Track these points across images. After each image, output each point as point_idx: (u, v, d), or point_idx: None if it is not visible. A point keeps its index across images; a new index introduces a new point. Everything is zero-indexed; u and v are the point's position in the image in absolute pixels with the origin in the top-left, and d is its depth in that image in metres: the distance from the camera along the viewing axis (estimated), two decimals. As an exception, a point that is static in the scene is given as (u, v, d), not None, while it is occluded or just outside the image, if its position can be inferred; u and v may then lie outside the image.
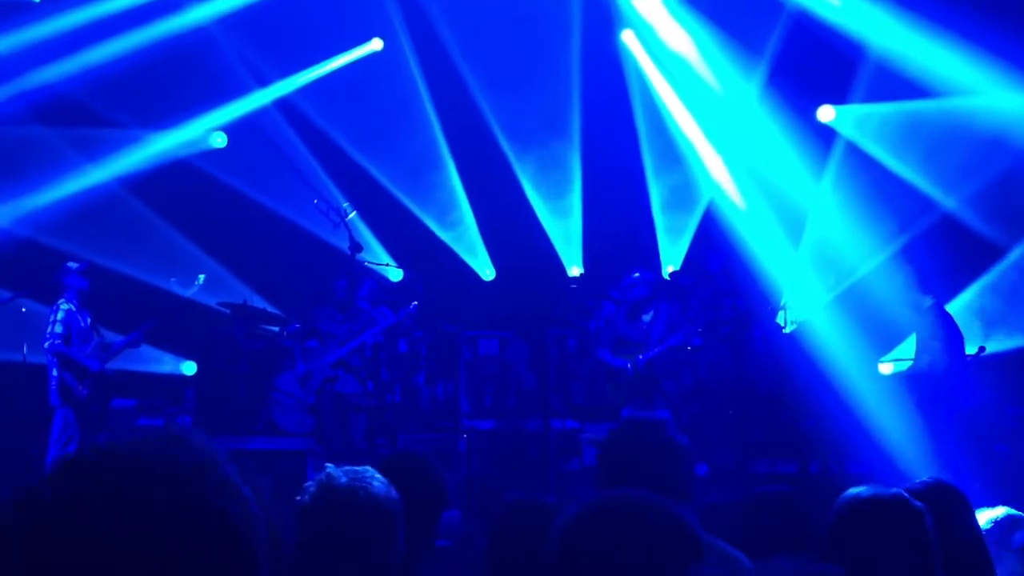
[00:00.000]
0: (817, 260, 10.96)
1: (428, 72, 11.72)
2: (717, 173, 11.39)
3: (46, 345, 8.50)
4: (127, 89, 10.51)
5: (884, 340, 9.86)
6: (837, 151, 10.97)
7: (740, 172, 11.31)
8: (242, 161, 11.49)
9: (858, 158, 10.86)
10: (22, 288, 9.10)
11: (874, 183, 10.69)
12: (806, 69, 10.84)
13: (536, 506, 3.30)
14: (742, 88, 11.05)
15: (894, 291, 8.87)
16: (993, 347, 9.45)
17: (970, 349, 8.66)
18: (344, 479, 2.67)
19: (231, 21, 10.80)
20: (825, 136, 11.03)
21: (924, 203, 10.55)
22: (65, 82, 10.14)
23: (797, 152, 10.86)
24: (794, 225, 11.04)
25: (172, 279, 10.26)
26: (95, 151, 10.90)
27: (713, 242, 11.14)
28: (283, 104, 11.71)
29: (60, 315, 8.54)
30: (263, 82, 11.51)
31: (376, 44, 11.76)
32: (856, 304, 10.05)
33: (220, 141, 11.51)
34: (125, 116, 10.88)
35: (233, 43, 10.95)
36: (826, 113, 11.00)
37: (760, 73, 11.00)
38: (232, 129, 11.54)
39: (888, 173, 10.71)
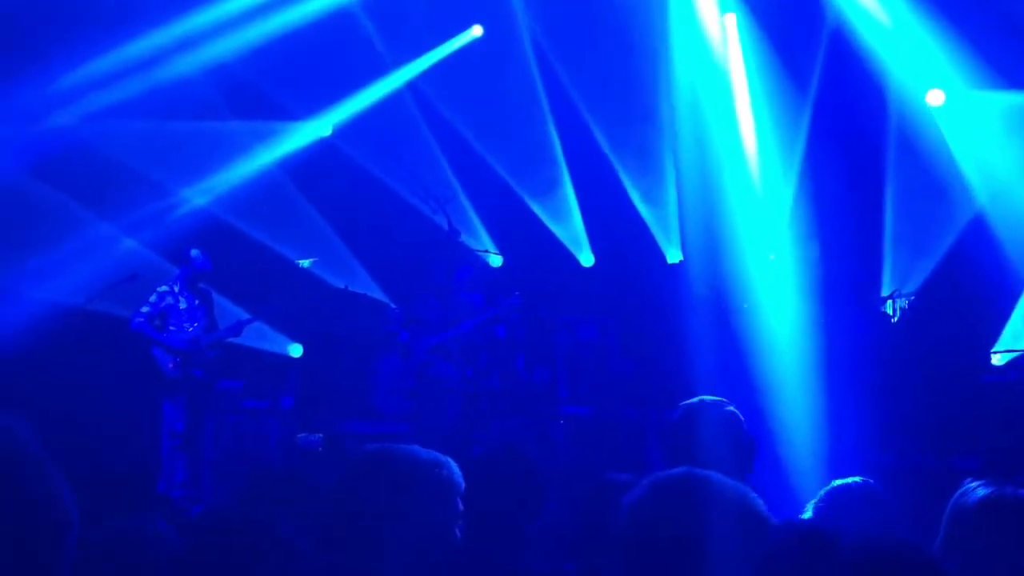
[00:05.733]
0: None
1: (537, 57, 11.78)
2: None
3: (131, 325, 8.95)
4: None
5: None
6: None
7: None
8: (362, 142, 11.71)
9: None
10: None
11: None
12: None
13: (627, 486, 3.30)
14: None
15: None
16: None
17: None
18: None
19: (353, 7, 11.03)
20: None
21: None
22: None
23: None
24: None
25: (298, 260, 10.63)
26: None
27: None
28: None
29: (153, 297, 9.08)
30: (390, 67, 11.70)
31: (476, 31, 11.84)
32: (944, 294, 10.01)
33: (326, 130, 11.75)
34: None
35: (362, 28, 11.19)
36: (935, 97, 10.70)
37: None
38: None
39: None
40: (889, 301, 10.29)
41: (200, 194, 10.89)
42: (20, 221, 9.86)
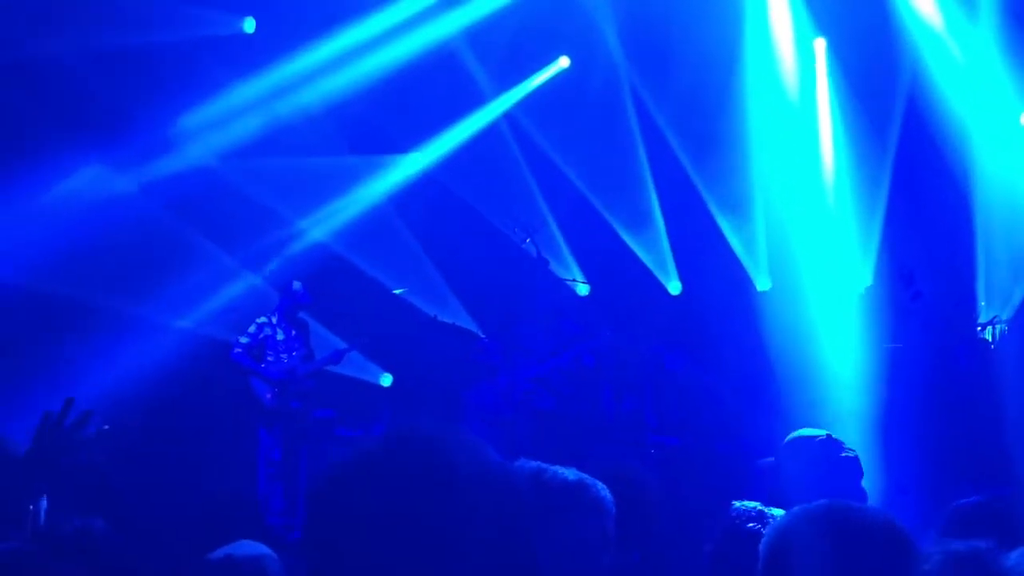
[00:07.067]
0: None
1: (626, 86, 11.82)
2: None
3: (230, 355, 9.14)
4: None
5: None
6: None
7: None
8: (456, 172, 11.86)
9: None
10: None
11: None
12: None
13: (760, 516, 3.29)
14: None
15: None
16: None
17: None
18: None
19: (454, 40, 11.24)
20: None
21: None
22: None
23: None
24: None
25: (395, 289, 10.79)
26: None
27: None
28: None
29: (252, 327, 9.25)
30: (484, 100, 11.84)
31: (564, 62, 11.92)
32: None
33: (421, 163, 11.90)
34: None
35: (460, 63, 11.39)
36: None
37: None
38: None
39: None
40: (988, 327, 10.10)
41: (313, 226, 11.11)
42: (156, 255, 10.15)
